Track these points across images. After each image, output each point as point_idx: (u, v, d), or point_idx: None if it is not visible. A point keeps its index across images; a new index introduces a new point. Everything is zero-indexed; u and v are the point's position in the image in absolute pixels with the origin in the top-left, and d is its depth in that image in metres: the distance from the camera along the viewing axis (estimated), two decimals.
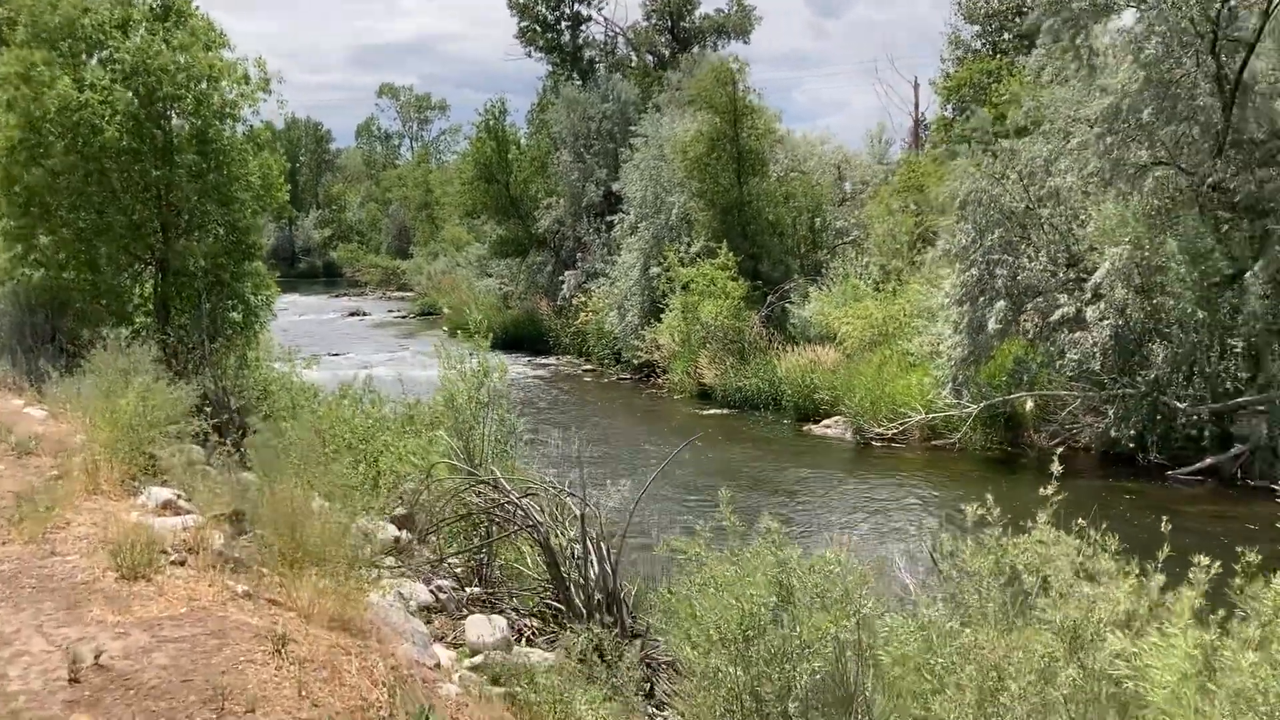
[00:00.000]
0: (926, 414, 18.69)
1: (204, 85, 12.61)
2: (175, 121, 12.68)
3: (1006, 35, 41.59)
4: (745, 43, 47.52)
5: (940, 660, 4.25)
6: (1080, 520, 4.87)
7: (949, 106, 39.13)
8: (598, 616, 6.09)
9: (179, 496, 6.67)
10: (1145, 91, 16.85)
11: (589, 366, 31.53)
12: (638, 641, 5.77)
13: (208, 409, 10.37)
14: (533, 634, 6.34)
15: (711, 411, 24.05)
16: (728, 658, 4.25)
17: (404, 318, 51.39)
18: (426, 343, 41.24)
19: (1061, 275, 18.39)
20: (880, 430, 19.07)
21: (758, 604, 4.19)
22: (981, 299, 18.17)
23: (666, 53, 47.80)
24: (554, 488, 6.61)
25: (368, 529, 8.26)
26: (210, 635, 4.57)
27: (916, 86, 73.82)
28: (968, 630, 4.13)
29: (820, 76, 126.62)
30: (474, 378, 9.42)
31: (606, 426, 21.16)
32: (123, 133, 12.07)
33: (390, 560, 6.86)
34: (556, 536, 6.30)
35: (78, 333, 12.75)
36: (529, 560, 7.50)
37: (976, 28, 42.47)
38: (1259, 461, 15.89)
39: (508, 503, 6.64)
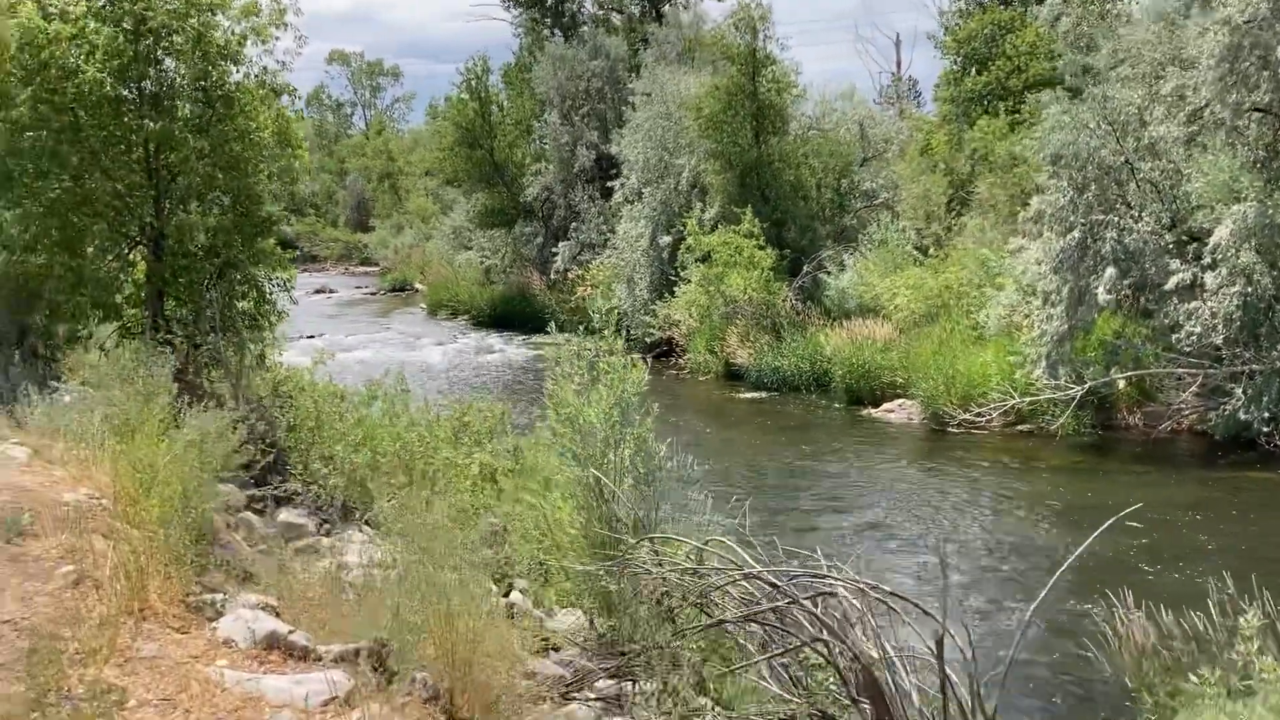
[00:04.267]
0: (1020, 396, 16.52)
1: (202, 17, 9.89)
2: (169, 64, 9.94)
3: None
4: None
5: None
6: None
7: (958, 61, 36.96)
8: None
9: (273, 611, 4.23)
10: (1277, 24, 14.73)
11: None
12: None
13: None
14: None
15: (747, 395, 21.77)
16: None
17: (373, 294, 48.56)
18: (406, 321, 38.58)
19: (1167, 238, 16.30)
20: (967, 416, 16.87)
21: None
22: (1084, 266, 16.01)
23: (636, 11, 45.12)
24: (860, 582, 4.27)
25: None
26: None
27: (899, 43, 71.91)
28: None
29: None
30: (609, 390, 7.00)
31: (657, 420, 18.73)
32: (105, 74, 9.35)
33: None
34: (877, 663, 3.99)
35: (51, 330, 10.11)
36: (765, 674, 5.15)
37: None
38: None
39: (786, 605, 4.32)
